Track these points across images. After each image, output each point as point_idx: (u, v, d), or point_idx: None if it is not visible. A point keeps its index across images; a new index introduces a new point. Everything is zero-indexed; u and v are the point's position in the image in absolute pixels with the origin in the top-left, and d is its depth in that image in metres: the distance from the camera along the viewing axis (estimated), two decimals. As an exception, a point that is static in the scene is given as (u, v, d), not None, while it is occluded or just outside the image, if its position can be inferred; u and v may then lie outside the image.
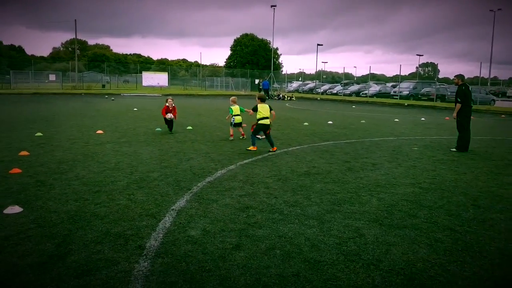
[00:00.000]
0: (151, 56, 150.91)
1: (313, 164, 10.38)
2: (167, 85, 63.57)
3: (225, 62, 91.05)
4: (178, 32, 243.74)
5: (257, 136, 12.65)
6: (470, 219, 6.57)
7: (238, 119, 13.86)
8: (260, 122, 11.94)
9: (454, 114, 13.21)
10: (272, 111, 12.15)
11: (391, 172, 9.73)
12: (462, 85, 13.13)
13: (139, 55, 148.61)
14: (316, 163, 10.51)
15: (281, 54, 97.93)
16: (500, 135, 17.73)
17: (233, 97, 14.57)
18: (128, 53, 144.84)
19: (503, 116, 30.81)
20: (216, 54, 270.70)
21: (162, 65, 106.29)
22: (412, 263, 4.85)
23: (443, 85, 52.13)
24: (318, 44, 71.89)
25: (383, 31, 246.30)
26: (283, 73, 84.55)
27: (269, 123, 11.99)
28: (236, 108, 13.82)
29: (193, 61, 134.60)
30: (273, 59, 74.71)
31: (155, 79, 62.58)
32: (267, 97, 51.37)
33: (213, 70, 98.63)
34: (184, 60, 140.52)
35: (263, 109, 11.95)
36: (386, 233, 5.81)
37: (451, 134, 17.14)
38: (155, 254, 4.91)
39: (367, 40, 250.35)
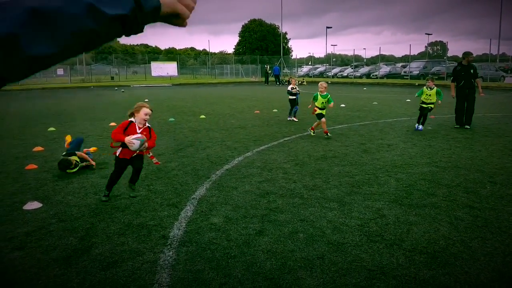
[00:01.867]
0: (158, 46, 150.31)
1: (329, 148, 10.39)
2: (176, 74, 63.18)
3: (234, 49, 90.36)
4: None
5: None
6: (488, 195, 6.60)
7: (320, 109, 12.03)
8: None
9: (482, 91, 13.03)
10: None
11: (407, 152, 9.74)
12: (472, 62, 13.11)
13: (146, 45, 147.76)
14: (332, 147, 10.53)
15: (290, 39, 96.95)
16: (512, 111, 17.61)
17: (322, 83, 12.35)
18: (135, 44, 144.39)
19: (514, 92, 30.60)
20: (225, 41, 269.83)
21: (170, 54, 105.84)
22: (434, 242, 4.88)
23: (453, 63, 51.65)
24: (327, 27, 71.00)
25: (392, 11, 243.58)
26: (292, 58, 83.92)
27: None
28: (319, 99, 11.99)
29: (201, 49, 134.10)
30: (283, 44, 74.07)
31: (165, 69, 61.88)
32: (278, 83, 51.54)
33: (222, 57, 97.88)
34: (192, 49, 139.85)
35: None
36: (407, 213, 5.84)
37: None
38: (179, 243, 4.95)
39: (376, 22, 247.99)
